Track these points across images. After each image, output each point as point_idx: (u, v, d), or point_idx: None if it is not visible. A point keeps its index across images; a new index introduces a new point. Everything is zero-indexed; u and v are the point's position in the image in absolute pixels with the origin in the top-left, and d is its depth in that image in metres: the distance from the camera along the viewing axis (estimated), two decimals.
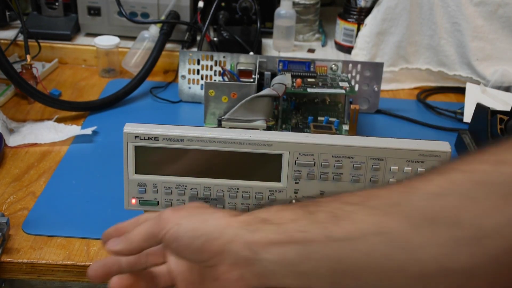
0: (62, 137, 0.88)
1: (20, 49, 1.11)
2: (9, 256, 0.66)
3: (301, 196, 0.64)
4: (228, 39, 1.10)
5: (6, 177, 0.80)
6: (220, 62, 0.98)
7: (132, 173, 0.64)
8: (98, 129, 0.91)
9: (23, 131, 0.90)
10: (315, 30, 1.23)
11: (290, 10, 1.13)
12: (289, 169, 0.63)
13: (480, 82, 1.05)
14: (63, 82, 1.07)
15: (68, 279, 0.67)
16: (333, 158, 0.62)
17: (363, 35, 1.08)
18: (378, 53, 1.08)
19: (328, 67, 0.94)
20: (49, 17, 1.16)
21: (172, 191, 0.64)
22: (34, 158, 0.84)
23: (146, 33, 1.08)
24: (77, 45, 1.13)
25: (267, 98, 0.80)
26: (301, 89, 0.85)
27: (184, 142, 0.62)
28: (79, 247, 0.68)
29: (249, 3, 1.16)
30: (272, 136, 0.62)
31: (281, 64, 0.94)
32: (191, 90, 1.01)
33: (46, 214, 0.73)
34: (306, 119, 0.85)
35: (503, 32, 1.04)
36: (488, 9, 1.03)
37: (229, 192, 0.64)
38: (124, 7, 1.09)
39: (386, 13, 1.05)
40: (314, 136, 0.62)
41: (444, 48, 1.06)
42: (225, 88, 0.83)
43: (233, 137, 0.62)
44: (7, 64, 0.86)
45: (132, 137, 0.62)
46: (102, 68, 1.09)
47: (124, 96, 1.00)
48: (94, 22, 1.15)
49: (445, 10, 1.04)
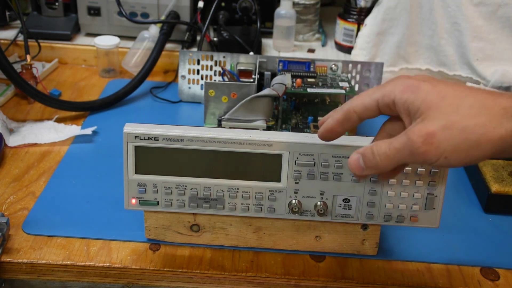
0: (62, 137, 0.88)
1: (20, 49, 1.11)
2: (9, 256, 0.66)
3: (301, 196, 0.64)
4: (228, 39, 1.10)
5: (6, 177, 0.80)
6: (220, 62, 0.98)
7: (132, 173, 0.64)
8: (98, 129, 0.91)
9: (23, 131, 0.90)
10: (315, 30, 1.23)
11: (290, 10, 1.13)
12: (289, 169, 0.63)
13: (480, 82, 1.05)
14: (63, 82, 1.07)
15: (68, 279, 0.67)
16: (333, 158, 0.62)
17: (363, 35, 1.08)
18: (378, 53, 1.08)
19: (328, 67, 0.94)
20: (49, 17, 1.16)
21: (172, 191, 0.64)
22: (34, 158, 0.84)
23: (146, 33, 1.08)
24: (77, 45, 1.13)
25: (267, 98, 0.80)
26: (301, 89, 0.85)
27: (184, 142, 0.62)
28: (79, 247, 0.68)
29: (249, 3, 1.16)
30: (272, 136, 0.62)
31: (281, 64, 0.94)
32: (191, 90, 1.01)
33: (46, 214, 0.73)
34: (306, 119, 0.85)
35: (503, 32, 1.04)
36: (488, 9, 1.03)
37: (229, 192, 0.64)
38: (124, 7, 1.09)
39: (386, 13, 1.05)
40: (314, 136, 0.62)
41: (444, 48, 1.06)
42: (225, 88, 0.83)
43: (233, 137, 0.62)
44: (7, 64, 0.86)
45: (132, 137, 0.62)
46: (102, 68, 1.09)
47: (124, 96, 1.00)
48: (94, 22, 1.15)
49: (445, 10, 1.04)
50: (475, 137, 0.47)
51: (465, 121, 0.48)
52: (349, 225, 0.67)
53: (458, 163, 0.49)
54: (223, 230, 0.68)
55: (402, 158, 0.50)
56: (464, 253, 0.70)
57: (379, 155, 0.51)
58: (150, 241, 0.69)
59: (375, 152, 0.52)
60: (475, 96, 0.49)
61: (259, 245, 0.69)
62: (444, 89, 0.50)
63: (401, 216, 0.64)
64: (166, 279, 0.67)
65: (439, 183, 0.63)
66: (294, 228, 0.68)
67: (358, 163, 0.53)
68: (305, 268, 0.67)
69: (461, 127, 0.48)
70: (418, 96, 0.50)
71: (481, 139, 0.47)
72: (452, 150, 0.48)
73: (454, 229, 0.74)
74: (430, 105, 0.49)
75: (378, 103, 0.52)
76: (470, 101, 0.48)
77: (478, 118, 0.48)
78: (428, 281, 0.66)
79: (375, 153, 0.52)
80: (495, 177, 0.78)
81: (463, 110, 0.48)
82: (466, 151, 0.48)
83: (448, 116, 0.48)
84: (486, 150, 0.48)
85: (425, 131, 0.48)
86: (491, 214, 0.78)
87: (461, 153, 0.48)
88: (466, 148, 0.48)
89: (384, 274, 0.67)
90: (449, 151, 0.48)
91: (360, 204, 0.64)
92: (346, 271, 0.67)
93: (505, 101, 0.48)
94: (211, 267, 0.67)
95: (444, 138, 0.48)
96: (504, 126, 0.47)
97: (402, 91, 0.51)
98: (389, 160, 0.51)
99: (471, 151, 0.48)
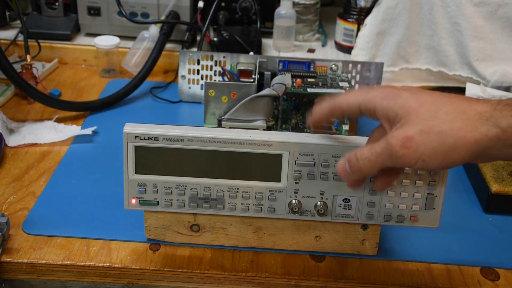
0: (62, 137, 0.88)
1: (20, 49, 1.11)
2: (9, 256, 0.66)
3: (301, 196, 0.64)
4: (228, 39, 1.10)
5: (6, 177, 0.80)
6: (220, 62, 0.98)
7: (132, 173, 0.64)
8: (98, 129, 0.91)
9: (23, 131, 0.90)
10: (315, 30, 1.23)
11: (290, 10, 1.13)
12: (289, 169, 0.63)
13: (480, 82, 1.05)
14: (63, 82, 1.07)
15: (68, 279, 0.67)
16: (333, 158, 0.62)
17: (363, 35, 1.08)
18: (378, 53, 1.08)
19: (328, 67, 0.94)
20: (49, 17, 1.16)
21: (172, 191, 0.64)
22: (34, 158, 0.84)
23: (146, 33, 1.08)
24: (77, 45, 1.13)
25: (267, 98, 0.80)
26: (301, 89, 0.85)
27: (184, 142, 0.62)
28: (79, 247, 0.68)
29: (249, 3, 1.16)
30: (272, 136, 0.62)
31: (281, 64, 0.94)
32: (191, 90, 1.01)
33: (46, 214, 0.73)
34: (306, 119, 0.85)
35: (503, 32, 1.04)
36: (488, 9, 1.03)
37: (229, 192, 0.64)
38: (124, 7, 1.09)
39: (386, 13, 1.05)
40: (314, 136, 0.62)
41: (444, 48, 1.06)
42: (225, 88, 0.83)
43: (233, 137, 0.62)
44: (7, 64, 0.86)
45: (132, 137, 0.62)
46: (102, 68, 1.09)
47: (124, 96, 1.00)
48: (94, 22, 1.15)
49: (445, 10, 1.04)
50: (452, 140, 0.49)
51: (442, 125, 0.50)
52: (349, 225, 0.67)
53: (437, 166, 0.51)
54: (223, 230, 0.68)
55: (383, 162, 0.53)
56: (464, 253, 0.70)
57: (362, 159, 0.54)
58: (150, 241, 0.69)
59: (358, 156, 0.54)
60: (452, 103, 0.51)
61: (259, 245, 0.69)
62: (423, 96, 0.52)
63: (401, 216, 0.64)
64: (166, 279, 0.67)
65: (439, 183, 0.63)
66: (294, 228, 0.68)
67: (344, 168, 0.56)
68: (305, 268, 0.67)
69: (438, 131, 0.50)
70: (397, 103, 0.52)
71: (457, 143, 0.49)
72: (430, 153, 0.50)
73: (454, 229, 0.74)
74: (409, 111, 0.51)
75: (360, 107, 0.55)
76: (447, 107, 0.51)
77: (455, 122, 0.50)
78: (428, 281, 0.66)
79: (358, 158, 0.54)
80: (495, 177, 0.78)
81: (440, 115, 0.50)
82: (443, 154, 0.50)
83: (426, 121, 0.50)
84: (462, 153, 0.49)
85: (403, 135, 0.50)
86: (491, 214, 0.78)
87: (439, 156, 0.50)
88: (443, 151, 0.49)
89: (384, 274, 0.67)
90: (426, 154, 0.50)
91: (360, 204, 0.64)
92: (346, 271, 0.67)
93: (480, 106, 0.50)
94: (211, 267, 0.67)
95: (421, 141, 0.50)
96: (479, 130, 0.49)
97: (382, 98, 0.53)
98: (371, 163, 0.53)
99: (448, 154, 0.50)
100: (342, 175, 0.57)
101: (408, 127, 0.50)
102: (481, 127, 0.49)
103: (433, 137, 0.49)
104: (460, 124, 0.49)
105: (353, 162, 0.55)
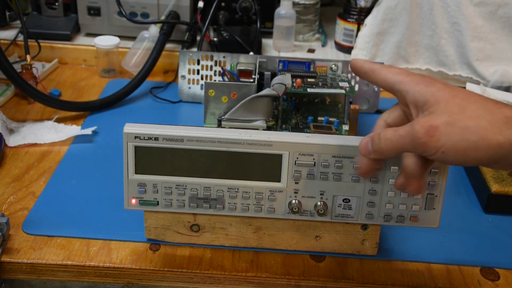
0: (62, 137, 0.88)
1: (20, 49, 1.11)
2: (9, 256, 0.66)
3: (301, 196, 0.64)
4: (228, 39, 1.10)
5: (6, 177, 0.80)
6: (220, 62, 0.98)
7: (132, 173, 0.64)
8: (98, 129, 0.91)
9: (23, 131, 0.90)
10: (315, 30, 1.23)
11: (290, 10, 1.13)
12: (289, 169, 0.63)
13: (480, 82, 1.05)
14: (63, 82, 1.07)
15: (68, 279, 0.67)
16: (333, 158, 0.62)
17: (363, 35, 1.08)
18: (378, 53, 1.08)
19: (328, 67, 0.94)
20: (49, 17, 1.16)
21: (172, 191, 0.64)
22: (34, 158, 0.84)
23: (146, 33, 1.08)
24: (77, 45, 1.13)
25: (267, 98, 0.80)
26: (301, 89, 0.85)
27: (184, 142, 0.62)
28: (79, 247, 0.68)
29: (249, 3, 1.16)
30: (272, 136, 0.62)
31: (281, 64, 0.94)
32: (191, 90, 1.01)
33: (46, 214, 0.73)
34: (306, 119, 0.85)
35: (503, 32, 1.04)
36: (488, 9, 1.03)
37: (229, 192, 0.64)
38: (124, 7, 1.09)
39: (386, 13, 1.05)
40: (314, 136, 0.62)
41: (444, 48, 1.06)
42: (225, 88, 0.83)
43: (233, 137, 0.62)
44: (7, 64, 0.86)
45: (132, 137, 0.62)
46: (102, 68, 1.09)
47: (124, 96, 1.00)
48: (94, 22, 1.15)
49: (445, 10, 1.04)
50: (475, 138, 0.49)
51: (468, 121, 0.49)
52: (349, 225, 0.67)
53: (454, 160, 0.50)
54: (223, 230, 0.68)
55: (404, 145, 0.53)
56: (464, 253, 0.70)
57: (385, 140, 0.54)
58: (150, 241, 0.69)
59: (381, 136, 0.54)
60: (482, 103, 0.51)
61: (259, 245, 0.69)
62: (456, 90, 0.52)
63: (401, 216, 0.64)
64: (166, 279, 0.67)
65: (439, 183, 0.63)
66: (294, 228, 0.68)
67: (367, 146, 0.56)
68: (305, 268, 0.67)
69: (463, 125, 0.49)
70: (429, 90, 0.52)
71: (479, 142, 0.49)
72: (450, 146, 0.50)
73: (454, 229, 0.74)
74: (439, 100, 0.51)
75: (394, 85, 0.55)
76: (476, 105, 0.51)
77: (481, 121, 0.49)
78: (428, 281, 0.66)
79: (381, 138, 0.54)
80: (495, 177, 0.78)
81: (468, 111, 0.50)
82: (463, 150, 0.49)
83: (454, 114, 0.50)
84: (483, 153, 0.49)
85: (429, 123, 0.50)
86: (491, 214, 0.78)
87: (459, 151, 0.49)
88: (464, 148, 0.49)
89: (384, 274, 0.67)
90: (446, 147, 0.50)
91: (360, 204, 0.64)
92: (346, 271, 0.67)
93: (508, 110, 0.50)
94: (211, 267, 0.67)
95: (445, 133, 0.50)
96: (503, 133, 0.49)
97: (417, 82, 0.54)
98: (392, 145, 0.53)
99: (468, 151, 0.49)
100: (363, 152, 0.57)
101: (436, 116, 0.50)
102: (506, 131, 0.49)
103: (457, 131, 0.49)
104: (485, 124, 0.49)
105: (375, 141, 0.55)
